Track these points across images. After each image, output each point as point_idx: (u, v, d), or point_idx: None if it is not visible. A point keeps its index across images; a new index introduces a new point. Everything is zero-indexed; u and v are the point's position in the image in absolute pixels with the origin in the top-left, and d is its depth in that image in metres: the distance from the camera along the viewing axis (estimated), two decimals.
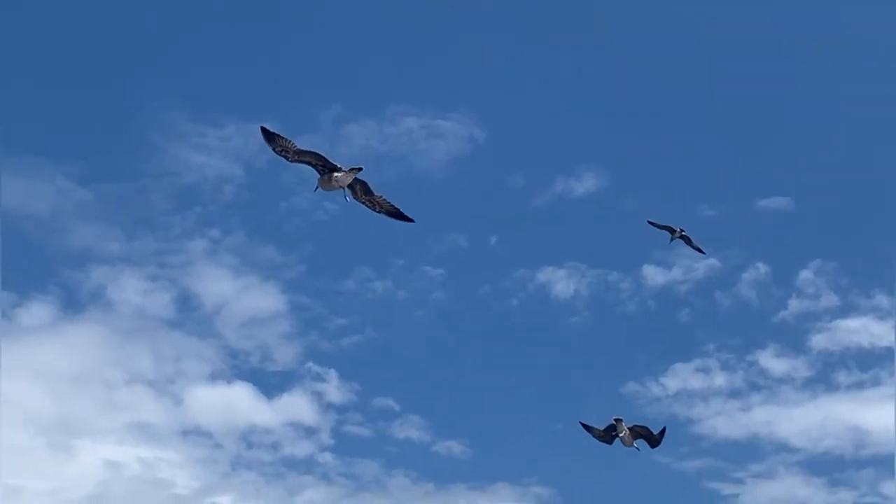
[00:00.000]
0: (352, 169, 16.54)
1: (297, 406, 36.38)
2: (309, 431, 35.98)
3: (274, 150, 16.17)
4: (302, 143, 16.52)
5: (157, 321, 37.10)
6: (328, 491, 34.75)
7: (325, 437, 35.92)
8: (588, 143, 42.23)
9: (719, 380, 36.33)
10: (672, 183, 41.23)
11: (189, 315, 37.54)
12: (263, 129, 16.21)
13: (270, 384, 36.77)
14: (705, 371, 36.63)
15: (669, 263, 38.88)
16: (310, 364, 37.14)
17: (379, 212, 17.12)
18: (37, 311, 23.67)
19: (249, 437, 35.65)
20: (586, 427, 21.73)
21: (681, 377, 36.49)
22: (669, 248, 39.12)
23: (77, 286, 36.84)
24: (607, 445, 23.46)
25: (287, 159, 16.30)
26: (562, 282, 38.96)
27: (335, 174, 16.37)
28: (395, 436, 36.10)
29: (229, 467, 34.95)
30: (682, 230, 25.15)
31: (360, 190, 16.88)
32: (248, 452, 35.36)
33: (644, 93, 42.74)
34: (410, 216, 16.98)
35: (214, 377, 36.43)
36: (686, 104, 42.41)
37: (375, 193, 16.90)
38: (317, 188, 16.69)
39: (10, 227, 37.13)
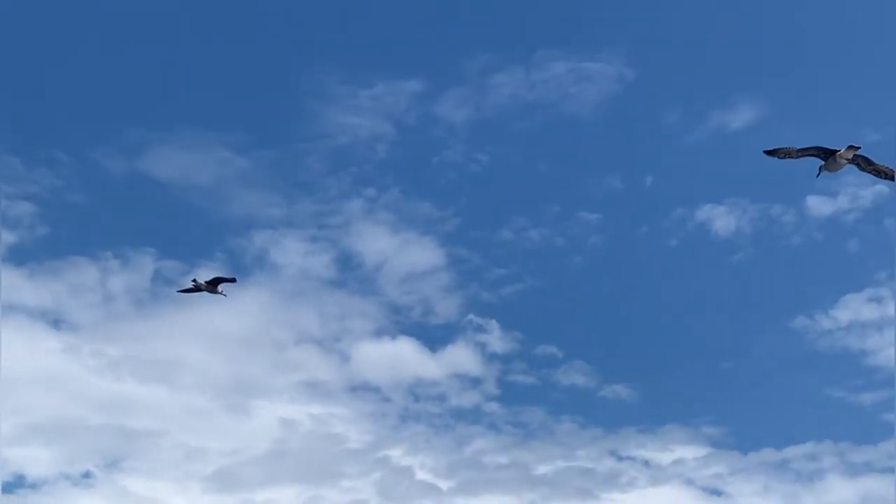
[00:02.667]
0: (850, 147, 17.85)
1: (461, 357, 36.89)
2: (474, 382, 36.42)
3: (779, 157, 17.91)
4: (449, 97, 17.54)
5: (320, 281, 38.12)
6: (497, 440, 35.22)
7: (491, 387, 36.30)
8: (742, 74, 41.01)
9: (892, 309, 35.02)
10: (832, 109, 39.68)
11: (350, 274, 38.44)
12: (766, 151, 17.88)
13: (434, 337, 37.40)
14: (878, 301, 35.37)
15: (834, 192, 37.56)
16: (471, 316, 37.56)
17: (885, 179, 18.35)
18: (205, 278, 24.63)
19: (416, 390, 36.40)
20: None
21: (852, 308, 35.36)
22: (834, 177, 37.95)
23: (241, 251, 38.17)
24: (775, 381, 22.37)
25: (793, 158, 18.02)
26: (722, 218, 38.13)
27: (838, 155, 17.86)
28: (560, 382, 36.24)
29: (398, 420, 35.78)
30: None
31: (863, 162, 18.24)
32: (416, 405, 36.10)
33: (800, 21, 41.15)
34: None
35: (379, 333, 37.24)
36: (842, 29, 40.63)
37: (878, 163, 18.19)
38: (819, 174, 18.16)
39: (176, 199, 38.70)
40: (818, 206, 37.47)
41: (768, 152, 18.12)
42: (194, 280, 25.77)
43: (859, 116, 38.92)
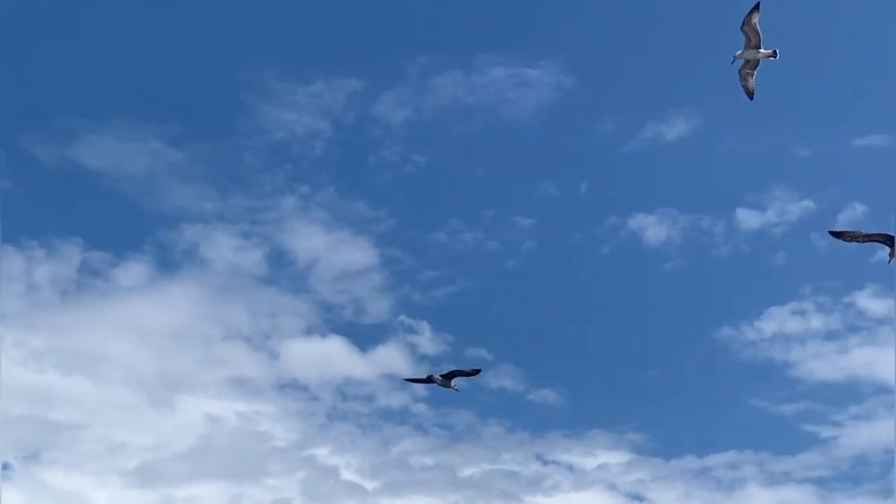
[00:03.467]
0: None
1: (391, 358, 36.88)
2: (403, 383, 36.35)
3: (846, 240, 18.82)
4: (388, 98, 17.48)
5: (251, 278, 37.85)
6: (424, 441, 35.29)
7: (420, 389, 36.23)
8: (678, 86, 41.55)
9: (816, 322, 35.74)
10: (765, 124, 40.34)
11: (282, 271, 38.22)
12: (832, 232, 18.77)
13: (364, 337, 37.29)
14: (801, 314, 36.04)
15: (763, 206, 38.19)
16: (402, 317, 37.56)
17: None
18: (133, 271, 24.27)
19: (345, 389, 36.33)
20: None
21: (777, 320, 36.00)
22: (762, 191, 38.65)
23: (172, 245, 37.74)
24: (699, 390, 22.74)
25: (859, 242, 18.94)
26: (653, 228, 38.60)
27: None
28: (488, 386, 36.34)
29: (326, 419, 35.68)
30: None
31: None
32: (344, 404, 36.03)
33: (733, 37, 41.69)
34: None
35: (309, 331, 37.09)
36: (779, 44, 41.27)
37: None
38: (890, 261, 18.81)
39: (107, 189, 38.16)
40: (747, 219, 38.13)
41: (834, 234, 18.48)
42: (429, 375, 24.81)
43: (790, 133, 39.72)
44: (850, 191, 37.78)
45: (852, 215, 37.10)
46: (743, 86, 21.64)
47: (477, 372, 24.40)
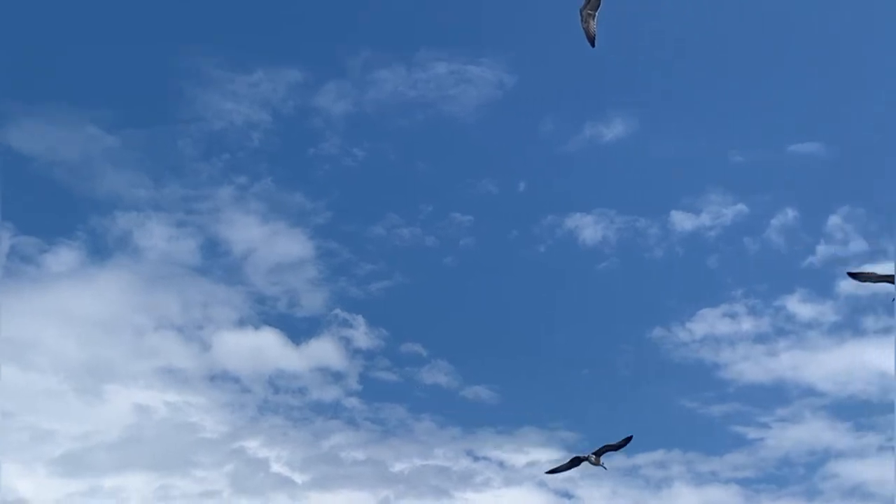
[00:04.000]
0: None
1: (324, 351, 36.72)
2: (336, 377, 36.33)
3: (860, 280, 19.29)
4: (329, 90, 17.43)
5: (185, 267, 37.45)
6: (355, 435, 35.19)
7: (353, 383, 36.25)
8: (618, 87, 41.92)
9: (746, 325, 36.25)
10: (701, 128, 40.85)
11: (216, 261, 37.89)
12: (850, 273, 19.18)
13: (298, 330, 37.13)
14: (732, 316, 36.53)
15: (698, 209, 38.66)
16: (337, 310, 37.44)
17: None
18: (64, 257, 23.80)
19: (277, 382, 36.09)
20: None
21: (708, 322, 36.44)
22: (697, 194, 39.11)
23: (104, 231, 37.24)
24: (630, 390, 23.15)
25: (871, 282, 19.51)
26: (590, 228, 38.88)
27: None
28: (422, 381, 36.39)
29: (257, 412, 35.43)
30: None
31: None
32: (276, 397, 35.81)
33: (674, 37, 42.23)
34: None
35: (242, 323, 36.80)
36: (717, 48, 41.86)
37: None
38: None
39: (39, 174, 37.54)
40: (682, 221, 38.55)
41: (852, 274, 18.80)
42: (576, 457, 23.81)
43: (726, 137, 40.22)
44: (783, 196, 38.49)
45: (784, 220, 37.80)
46: (584, 28, 21.09)
47: (629, 440, 23.46)
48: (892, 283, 18.73)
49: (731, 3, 42.12)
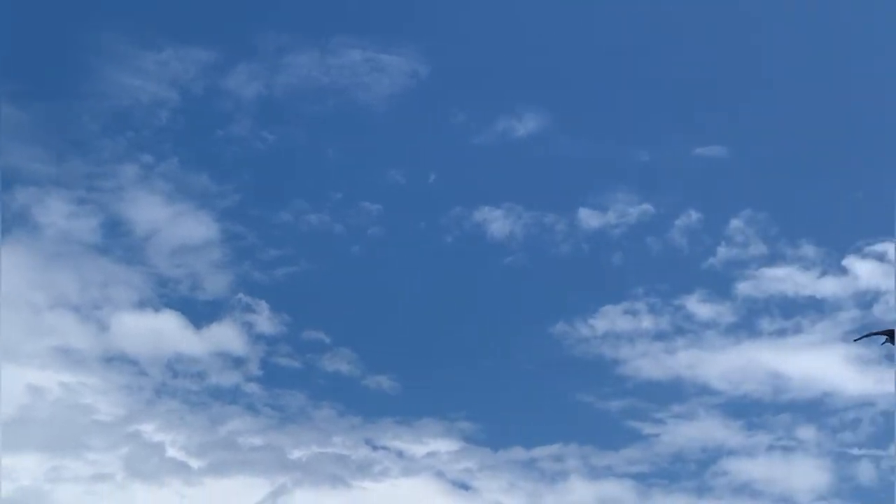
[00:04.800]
0: None
1: (225, 336, 36.31)
2: (237, 362, 35.95)
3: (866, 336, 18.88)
4: (240, 71, 16.93)
5: (84, 246, 36.73)
6: (254, 421, 34.84)
7: (253, 368, 35.91)
8: (532, 84, 42.16)
9: (646, 322, 36.79)
10: (611, 127, 41.33)
11: (117, 241, 37.22)
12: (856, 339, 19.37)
13: (199, 313, 36.71)
14: (633, 314, 37.04)
15: (605, 207, 39.13)
16: (241, 295, 37.08)
17: None
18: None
19: (175, 365, 35.61)
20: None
21: (609, 319, 36.88)
22: (605, 193, 39.56)
23: (2, 208, 36.23)
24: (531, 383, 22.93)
25: (866, 336, 19.16)
26: (498, 221, 39.08)
27: None
28: (324, 369, 36.24)
29: (153, 395, 34.88)
30: None
31: None
32: (174, 381, 35.27)
33: (588, 37, 42.63)
34: None
35: (142, 304, 36.24)
36: (630, 51, 42.38)
37: None
38: (884, 342, 19.09)
39: None
40: (588, 218, 38.96)
41: (857, 339, 18.98)
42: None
43: (634, 138, 40.78)
44: (687, 198, 39.16)
45: (688, 222, 38.46)
46: None
47: None
48: (883, 334, 19.11)
49: (645, 7, 42.74)
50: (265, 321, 36.62)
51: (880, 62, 40.56)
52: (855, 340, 19.28)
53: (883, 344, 18.68)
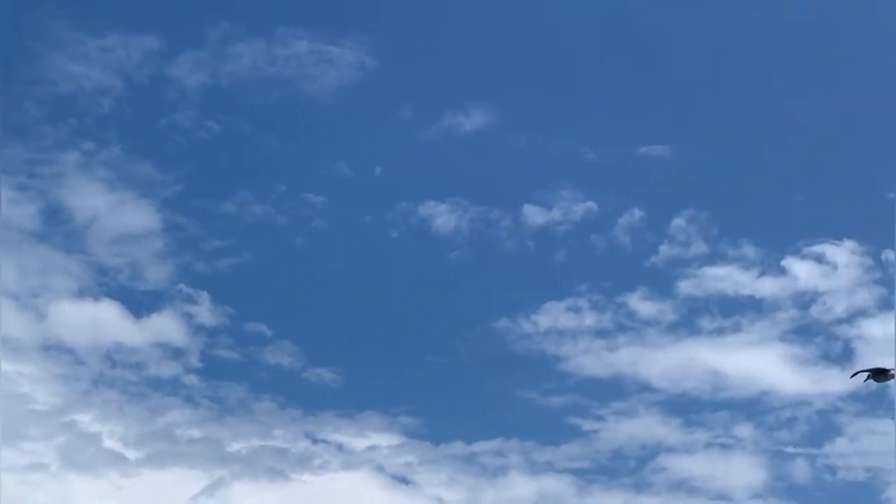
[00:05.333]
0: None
1: (165, 327, 35.98)
2: (176, 353, 35.63)
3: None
4: (185, 60, 16.80)
5: (23, 233, 36.18)
6: (192, 413, 34.55)
7: (193, 360, 35.62)
8: (479, 79, 42.25)
9: (589, 319, 37.00)
10: (558, 125, 41.50)
11: (57, 228, 36.73)
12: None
13: (139, 303, 36.31)
14: (576, 310, 37.23)
15: (549, 204, 39.28)
16: (182, 285, 36.75)
17: None
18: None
19: (114, 355, 35.21)
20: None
21: (552, 315, 37.04)
22: (550, 190, 39.74)
23: None
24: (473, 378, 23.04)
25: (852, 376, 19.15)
26: (443, 216, 39.09)
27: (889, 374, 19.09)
28: (265, 361, 36.03)
29: (91, 385, 34.47)
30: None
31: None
32: (112, 371, 34.90)
33: (536, 34, 42.77)
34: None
35: (81, 293, 35.77)
36: (577, 48, 42.58)
37: None
38: (867, 379, 19.09)
39: None
40: (533, 215, 39.10)
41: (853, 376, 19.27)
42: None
43: (580, 135, 40.97)
44: (631, 196, 39.41)
45: (631, 220, 38.72)
46: None
47: None
48: (866, 371, 19.45)
49: (594, 6, 42.99)
50: (206, 312, 36.42)
51: (825, 65, 41.24)
52: (851, 377, 19.55)
53: (866, 381, 19.03)
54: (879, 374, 19.00)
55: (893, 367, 18.90)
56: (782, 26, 41.59)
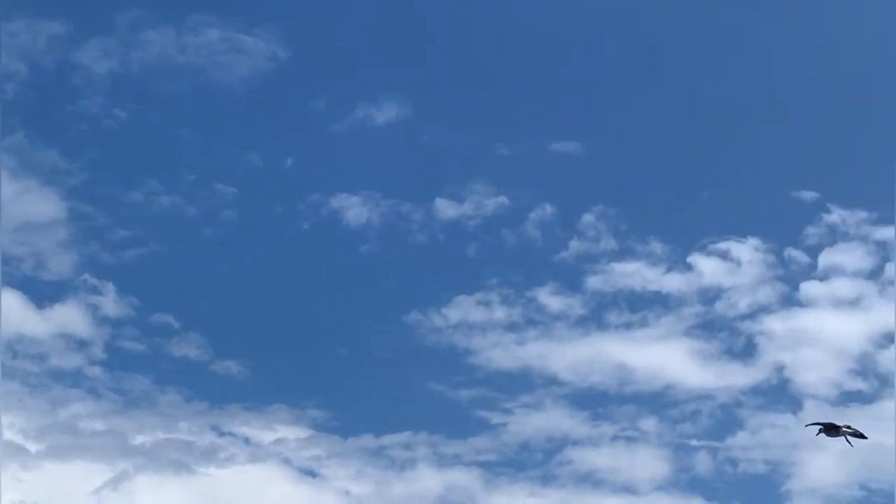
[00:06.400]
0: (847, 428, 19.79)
1: (69, 317, 35.37)
2: (80, 344, 35.01)
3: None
4: (93, 46, 16.80)
5: None
6: (95, 405, 33.99)
7: (97, 351, 35.05)
8: (393, 72, 42.15)
9: (498, 313, 37.20)
10: (471, 119, 41.65)
11: None
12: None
13: (42, 293, 35.69)
14: (486, 304, 37.42)
15: (461, 198, 39.41)
16: (86, 275, 36.18)
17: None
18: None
19: (15, 346, 34.47)
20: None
21: (462, 309, 37.16)
22: (462, 184, 39.88)
23: None
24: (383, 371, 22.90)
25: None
26: (355, 209, 38.98)
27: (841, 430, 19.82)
28: (171, 353, 35.59)
29: None
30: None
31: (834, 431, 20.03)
32: (13, 362, 34.17)
33: (450, 28, 42.87)
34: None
35: None
36: (489, 42, 42.78)
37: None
38: (819, 433, 19.87)
39: None
40: (445, 209, 39.19)
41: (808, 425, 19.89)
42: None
43: (493, 131, 41.20)
44: (542, 192, 39.73)
45: (542, 215, 39.03)
46: None
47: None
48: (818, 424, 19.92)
49: (508, 2, 43.21)
50: (111, 303, 35.89)
51: (732, 65, 42.03)
52: (806, 427, 20.08)
53: (818, 434, 19.55)
54: (832, 430, 19.60)
55: (845, 425, 19.55)
56: (691, 26, 42.31)
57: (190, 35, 40.28)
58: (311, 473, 33.60)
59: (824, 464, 32.18)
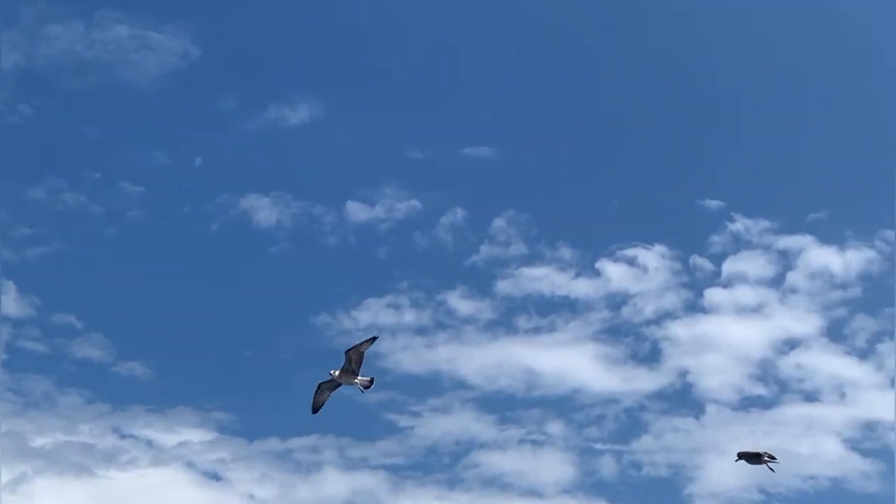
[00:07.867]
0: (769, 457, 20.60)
1: None
2: None
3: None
4: None
5: None
6: None
7: None
8: (306, 73, 41.95)
9: (409, 316, 37.20)
10: (384, 123, 41.60)
11: None
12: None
13: None
14: (396, 307, 37.40)
15: (373, 201, 39.33)
16: None
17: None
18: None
19: None
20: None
21: (372, 311, 37.12)
22: (374, 187, 39.82)
23: None
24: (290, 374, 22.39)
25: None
26: (265, 210, 38.64)
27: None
28: (73, 354, 34.97)
29: None
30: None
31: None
32: None
33: (365, 30, 42.80)
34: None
35: None
36: (404, 46, 42.81)
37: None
38: (738, 460, 20.64)
39: None
40: (357, 211, 39.09)
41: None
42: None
43: (406, 134, 41.23)
44: (454, 196, 39.84)
45: (453, 219, 39.15)
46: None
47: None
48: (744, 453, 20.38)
49: (425, 5, 43.28)
50: (12, 302, 35.13)
51: (644, 75, 42.64)
52: (736, 461, 20.67)
53: (737, 461, 20.20)
54: (753, 458, 20.21)
55: (766, 453, 20.14)
56: (602, 34, 42.85)
57: (98, 30, 39.60)
58: (216, 477, 33.24)
59: (725, 468, 32.76)
